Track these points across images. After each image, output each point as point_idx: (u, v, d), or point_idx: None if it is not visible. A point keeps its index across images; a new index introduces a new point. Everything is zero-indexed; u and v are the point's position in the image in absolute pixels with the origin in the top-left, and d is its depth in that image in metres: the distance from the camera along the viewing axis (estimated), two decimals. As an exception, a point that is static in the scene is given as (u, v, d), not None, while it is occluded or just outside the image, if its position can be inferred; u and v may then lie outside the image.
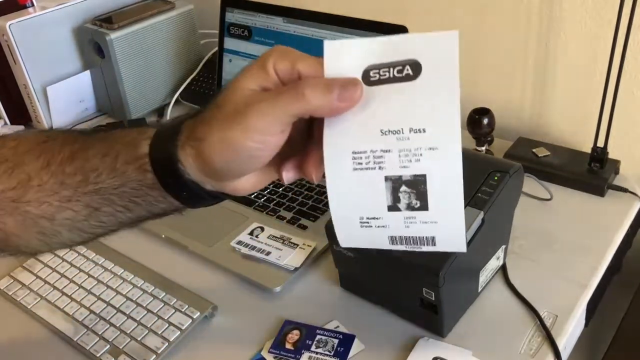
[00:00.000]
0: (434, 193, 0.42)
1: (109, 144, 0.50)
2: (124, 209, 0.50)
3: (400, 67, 0.42)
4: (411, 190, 0.42)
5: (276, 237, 0.84)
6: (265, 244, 0.83)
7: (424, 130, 0.41)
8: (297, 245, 0.82)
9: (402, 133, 0.41)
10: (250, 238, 0.84)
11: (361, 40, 0.43)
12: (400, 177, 0.42)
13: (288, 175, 0.47)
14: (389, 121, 0.41)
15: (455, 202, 0.42)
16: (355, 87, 0.42)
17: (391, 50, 0.42)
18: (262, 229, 0.86)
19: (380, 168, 0.42)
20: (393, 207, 0.43)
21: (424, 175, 0.41)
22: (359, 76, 0.42)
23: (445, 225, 0.43)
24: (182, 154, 0.46)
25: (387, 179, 0.42)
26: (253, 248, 0.82)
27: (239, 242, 0.84)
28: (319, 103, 0.41)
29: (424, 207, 0.42)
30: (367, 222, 0.44)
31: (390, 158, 0.42)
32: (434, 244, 0.44)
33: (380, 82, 0.42)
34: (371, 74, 0.42)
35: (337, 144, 0.42)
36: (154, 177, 0.47)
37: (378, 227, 0.44)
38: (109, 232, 0.54)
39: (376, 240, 0.45)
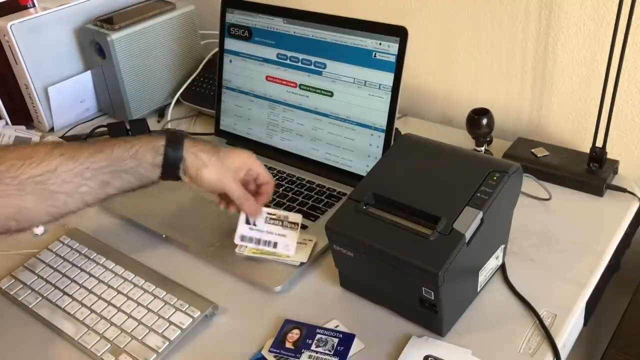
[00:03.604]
0: None
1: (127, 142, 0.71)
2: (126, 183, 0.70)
3: None
4: None
5: (274, 219, 0.82)
6: (267, 231, 0.81)
7: None
8: (297, 223, 0.81)
9: None
10: (250, 229, 0.82)
11: None
12: None
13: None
14: None
15: None
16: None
17: None
18: None
19: None
20: None
21: None
22: None
23: None
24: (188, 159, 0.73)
25: None
26: (258, 242, 0.81)
27: (242, 238, 0.81)
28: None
29: None
30: None
31: None
32: None
33: None
34: None
35: None
36: (162, 159, 0.71)
37: None
38: (98, 202, 0.69)
39: None
